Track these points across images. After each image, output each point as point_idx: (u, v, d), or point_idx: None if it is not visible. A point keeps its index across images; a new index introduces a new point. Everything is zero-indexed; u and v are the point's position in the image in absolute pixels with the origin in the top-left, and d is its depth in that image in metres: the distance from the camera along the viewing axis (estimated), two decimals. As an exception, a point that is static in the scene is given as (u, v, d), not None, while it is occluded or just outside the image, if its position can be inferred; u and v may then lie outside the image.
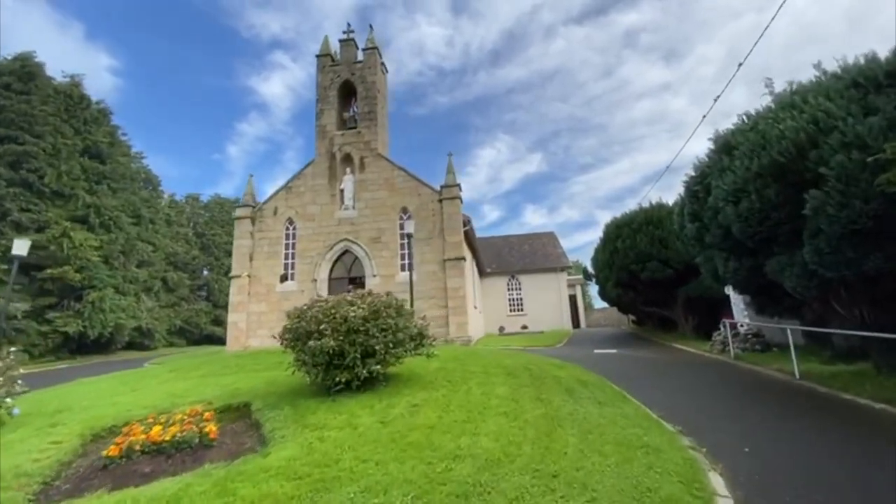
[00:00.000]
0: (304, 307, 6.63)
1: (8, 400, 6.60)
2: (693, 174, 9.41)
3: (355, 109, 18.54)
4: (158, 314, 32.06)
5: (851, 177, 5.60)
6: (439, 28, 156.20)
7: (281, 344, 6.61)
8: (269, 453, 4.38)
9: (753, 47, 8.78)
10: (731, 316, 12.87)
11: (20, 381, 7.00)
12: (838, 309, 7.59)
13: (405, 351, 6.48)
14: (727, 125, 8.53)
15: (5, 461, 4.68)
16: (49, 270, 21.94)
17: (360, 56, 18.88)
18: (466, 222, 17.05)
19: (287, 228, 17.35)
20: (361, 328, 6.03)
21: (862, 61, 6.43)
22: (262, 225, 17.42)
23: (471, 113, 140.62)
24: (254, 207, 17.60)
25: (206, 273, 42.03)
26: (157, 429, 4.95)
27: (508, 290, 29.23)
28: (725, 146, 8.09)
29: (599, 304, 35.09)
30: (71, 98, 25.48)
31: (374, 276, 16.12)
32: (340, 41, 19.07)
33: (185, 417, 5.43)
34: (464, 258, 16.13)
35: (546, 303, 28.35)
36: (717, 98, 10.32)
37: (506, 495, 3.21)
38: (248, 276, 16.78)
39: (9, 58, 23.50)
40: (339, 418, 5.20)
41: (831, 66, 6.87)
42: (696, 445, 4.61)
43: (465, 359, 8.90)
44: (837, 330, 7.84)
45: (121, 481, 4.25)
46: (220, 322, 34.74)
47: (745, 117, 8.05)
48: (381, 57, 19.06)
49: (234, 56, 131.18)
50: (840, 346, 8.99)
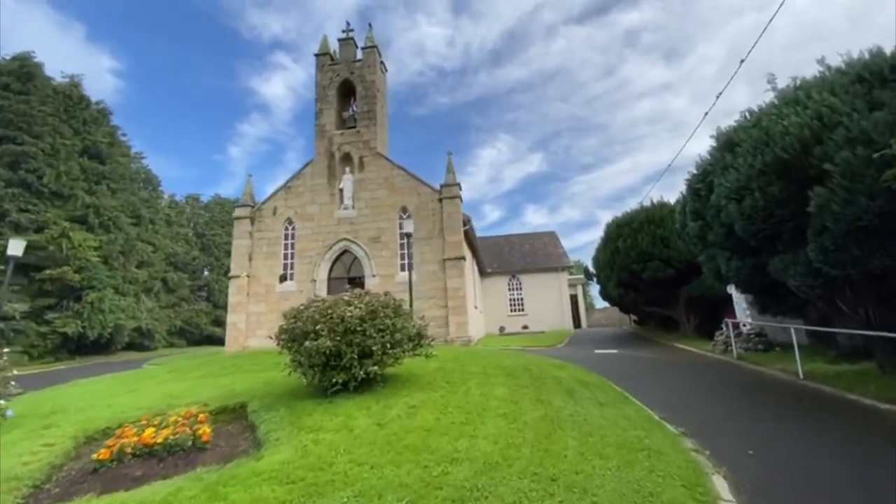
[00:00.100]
0: (301, 307, 6.55)
1: (1, 402, 6.52)
2: (695, 172, 9.30)
3: (354, 109, 18.44)
4: (158, 315, 32.02)
5: (857, 173, 5.51)
6: (440, 28, 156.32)
7: (277, 344, 6.53)
8: (262, 456, 4.30)
9: (755, 44, 8.67)
10: (733, 315, 12.78)
11: (14, 383, 6.94)
12: (843, 308, 7.48)
13: (403, 351, 6.39)
14: (729, 124, 8.42)
15: (-5, 464, 4.60)
16: (48, 271, 21.89)
17: (360, 55, 18.77)
18: (466, 222, 16.95)
19: (286, 228, 17.27)
20: (358, 328, 5.95)
21: (866, 56, 6.33)
22: (261, 225, 17.34)
23: (471, 113, 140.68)
24: (253, 207, 17.52)
25: (206, 273, 42.00)
26: (149, 431, 4.87)
27: (509, 289, 29.12)
28: (728, 143, 7.98)
29: (601, 303, 35.02)
30: (70, 98, 25.43)
31: (373, 275, 16.03)
32: (339, 40, 18.97)
33: (180, 419, 5.35)
34: (464, 258, 16.03)
35: (547, 303, 28.23)
36: (720, 95, 10.18)
37: (503, 500, 3.12)
38: (247, 276, 16.71)
39: (7, 58, 23.44)
40: (335, 420, 5.13)
41: (835, 61, 6.77)
42: (698, 448, 4.51)
43: (465, 359, 8.81)
44: (842, 329, 7.73)
45: (111, 485, 4.17)
46: (221, 322, 34.55)
47: (747, 114, 7.94)
48: (380, 56, 18.97)
49: (235, 57, 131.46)
50: (844, 346, 8.88)
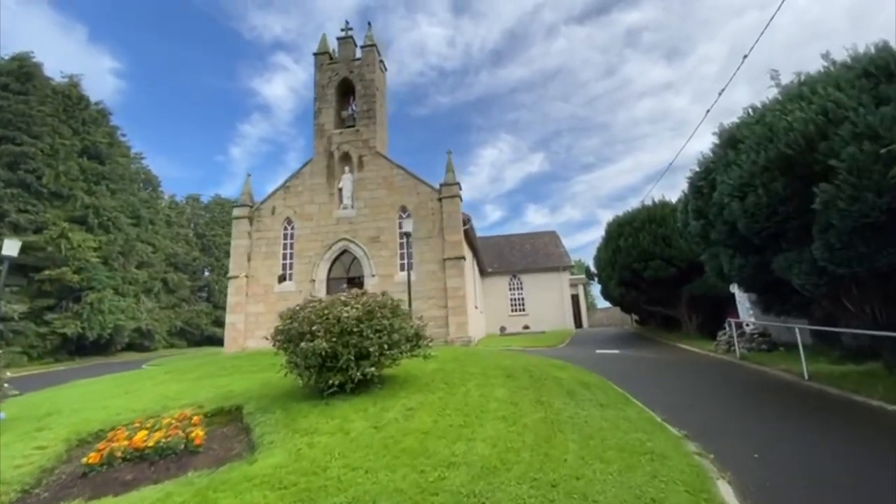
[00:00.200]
0: (297, 307, 6.46)
1: (-6, 404, 6.45)
2: (697, 169, 9.16)
3: (354, 108, 18.32)
4: (158, 315, 31.96)
5: (863, 169, 5.38)
6: (440, 28, 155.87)
7: (273, 345, 6.44)
8: (255, 460, 4.21)
9: (757, 40, 8.53)
10: (736, 315, 12.65)
11: (7, 384, 6.86)
12: (849, 307, 7.35)
13: (401, 352, 6.30)
14: (731, 121, 8.28)
15: (-16, 468, 4.52)
16: (47, 272, 21.82)
17: (359, 54, 18.67)
18: (466, 221, 16.83)
19: (285, 228, 17.18)
20: (355, 329, 5.86)
21: (872, 50, 6.20)
22: (260, 225, 17.25)
23: (472, 113, 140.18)
24: (251, 207, 17.42)
25: (206, 274, 41.93)
26: (141, 434, 4.78)
27: (510, 289, 29.00)
28: (731, 140, 7.85)
29: (602, 303, 34.85)
30: (69, 98, 25.36)
31: (372, 275, 15.93)
32: (338, 39, 18.85)
33: (173, 422, 5.26)
34: (463, 257, 15.92)
35: (548, 303, 28.11)
36: (722, 91, 10.03)
37: (501, 507, 3.01)
38: (246, 276, 16.62)
39: (6, 58, 23.37)
40: (331, 423, 5.03)
41: (840, 55, 6.64)
42: (702, 451, 4.40)
43: (464, 360, 8.71)
44: (849, 329, 7.60)
45: (100, 490, 4.09)
46: (221, 323, 34.29)
47: (750, 110, 7.81)
48: (379, 54, 18.86)
49: (236, 57, 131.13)
50: (849, 346, 8.76)
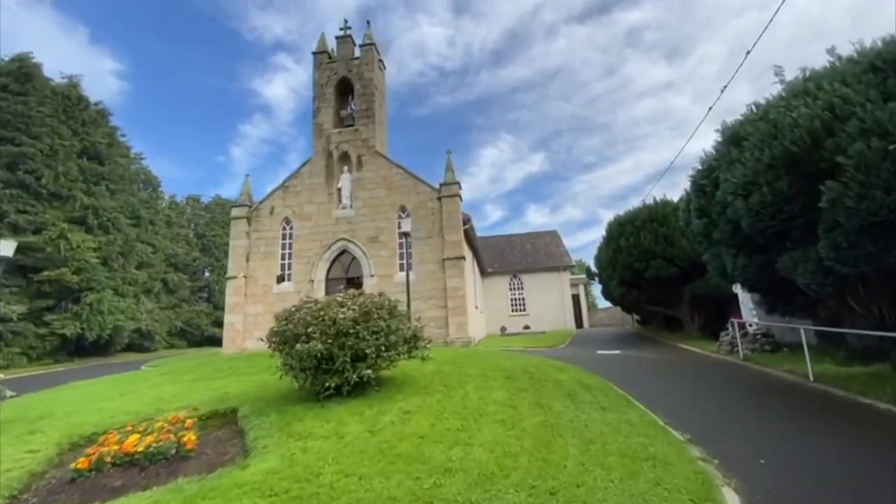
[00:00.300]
0: (293, 308, 6.36)
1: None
2: (700, 167, 9.04)
3: (353, 107, 18.22)
4: (158, 316, 31.90)
5: (871, 166, 5.25)
6: (441, 28, 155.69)
7: (269, 347, 6.34)
8: (247, 465, 4.10)
9: (759, 38, 8.41)
10: (739, 315, 12.49)
11: (0, 385, 6.77)
12: (855, 307, 7.21)
13: (398, 354, 6.20)
14: (735, 118, 8.15)
15: (-29, 474, 4.41)
16: (46, 272, 21.77)
17: (358, 53, 18.56)
18: (466, 221, 16.71)
19: (284, 228, 17.08)
20: (351, 331, 5.75)
21: (879, 44, 6.06)
22: (259, 225, 17.16)
23: (473, 113, 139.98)
24: (250, 207, 17.33)
25: (207, 274, 41.87)
26: (132, 438, 4.67)
27: (510, 289, 28.87)
28: (734, 137, 7.73)
29: (603, 303, 34.70)
30: (69, 99, 25.31)
31: (371, 276, 15.83)
32: (337, 38, 18.74)
33: (165, 425, 5.15)
34: (463, 257, 15.80)
35: (549, 303, 27.97)
36: (724, 88, 9.89)
37: (498, 517, 2.90)
38: (245, 277, 16.53)
39: (6, 59, 23.34)
40: (326, 426, 4.92)
41: (846, 50, 6.50)
42: (706, 456, 4.27)
43: (464, 361, 8.60)
44: (855, 329, 7.46)
45: (88, 496, 3.99)
46: (221, 324, 34.06)
47: (754, 107, 7.68)
48: (378, 53, 18.75)
49: (236, 58, 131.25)
50: (855, 346, 8.61)
